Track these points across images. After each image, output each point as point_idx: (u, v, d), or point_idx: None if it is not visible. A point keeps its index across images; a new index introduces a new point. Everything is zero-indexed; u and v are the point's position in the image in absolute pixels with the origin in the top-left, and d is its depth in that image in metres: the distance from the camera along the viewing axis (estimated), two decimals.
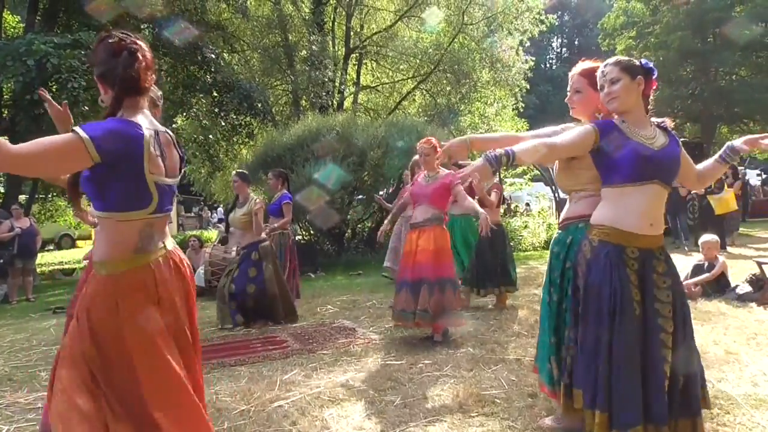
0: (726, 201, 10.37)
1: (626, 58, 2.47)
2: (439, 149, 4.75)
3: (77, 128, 1.81)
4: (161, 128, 2.08)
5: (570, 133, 2.47)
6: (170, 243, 2.12)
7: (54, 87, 10.53)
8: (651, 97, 2.50)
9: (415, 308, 4.50)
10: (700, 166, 2.62)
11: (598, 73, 2.45)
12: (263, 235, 5.95)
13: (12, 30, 14.97)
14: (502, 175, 16.35)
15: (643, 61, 2.46)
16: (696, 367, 2.36)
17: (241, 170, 6.32)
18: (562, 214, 2.76)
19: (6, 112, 12.62)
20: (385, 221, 5.49)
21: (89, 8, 11.11)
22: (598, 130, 2.38)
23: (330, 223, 10.86)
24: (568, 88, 2.72)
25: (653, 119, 2.50)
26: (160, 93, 3.08)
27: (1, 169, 1.71)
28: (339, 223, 11.56)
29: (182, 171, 2.19)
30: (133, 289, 1.95)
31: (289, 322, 5.81)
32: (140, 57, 2.01)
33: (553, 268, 2.69)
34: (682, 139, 2.54)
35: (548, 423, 2.85)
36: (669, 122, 2.52)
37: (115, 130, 1.87)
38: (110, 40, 1.99)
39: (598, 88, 2.46)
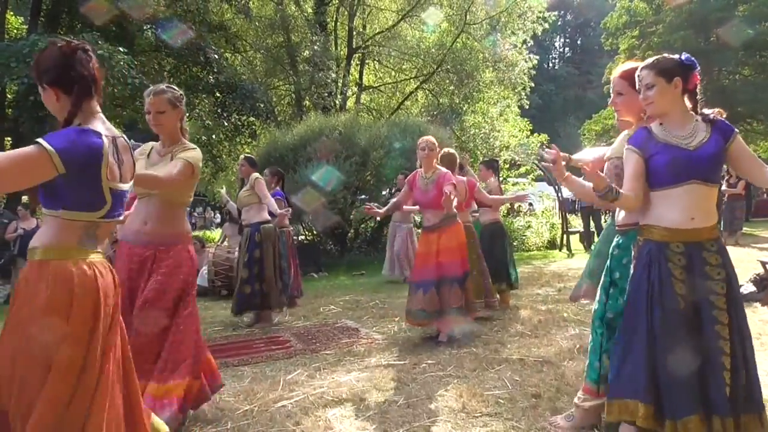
0: None
1: (663, 58, 2.42)
2: (437, 149, 4.81)
3: (41, 140, 1.79)
4: (117, 133, 2.08)
5: (627, 172, 2.46)
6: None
7: None
8: (698, 89, 2.44)
9: (441, 307, 4.54)
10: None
11: (636, 77, 2.44)
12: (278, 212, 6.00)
13: (15, 31, 15.03)
14: (505, 175, 16.32)
15: (684, 56, 2.41)
16: (753, 359, 2.34)
17: (249, 155, 6.35)
18: (621, 218, 2.73)
19: (10, 113, 12.67)
20: (383, 210, 5.44)
21: (90, 9, 11.13)
22: (637, 149, 2.41)
23: (328, 223, 10.89)
24: (611, 91, 2.73)
25: (703, 111, 2.44)
26: (180, 93, 3.10)
27: None
28: (342, 224, 11.57)
29: (133, 179, 2.20)
30: (62, 279, 1.89)
31: (277, 307, 5.92)
32: (93, 57, 2.02)
33: (614, 270, 2.68)
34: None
35: (560, 422, 2.84)
36: (718, 113, 2.45)
37: (79, 140, 1.86)
38: (60, 44, 1.98)
39: (636, 90, 2.45)
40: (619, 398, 2.35)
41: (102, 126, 2.00)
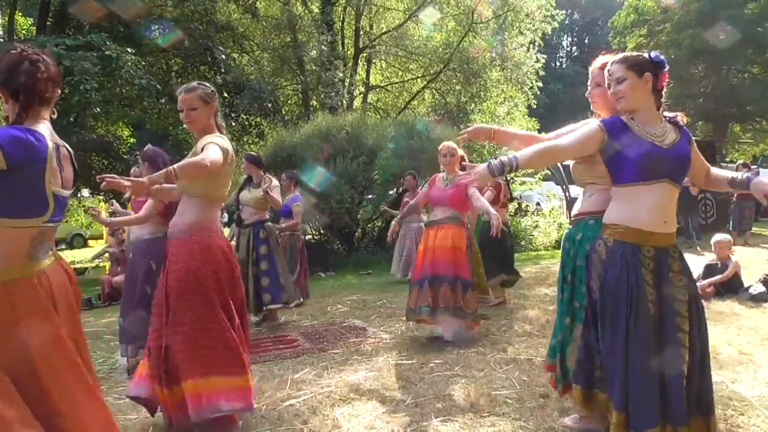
0: None
1: (633, 54, 2.42)
2: (459, 154, 4.84)
3: None
4: (61, 142, 2.13)
5: (575, 133, 2.45)
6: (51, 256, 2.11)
7: (66, 89, 10.61)
8: (664, 91, 2.45)
9: (433, 304, 4.52)
10: (716, 171, 2.57)
11: (605, 71, 2.42)
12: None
13: (24, 32, 15.12)
14: (512, 175, 16.28)
15: (653, 54, 2.40)
16: (709, 364, 2.36)
17: (250, 153, 6.35)
18: (574, 209, 2.76)
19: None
20: (394, 221, 5.48)
21: (93, 9, 11.20)
22: (605, 129, 2.36)
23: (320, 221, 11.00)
24: (589, 83, 2.70)
25: (666, 114, 2.46)
26: (212, 89, 3.10)
27: None
28: (349, 223, 11.58)
29: (75, 185, 2.23)
30: (28, 295, 1.94)
31: (290, 302, 5.88)
32: (42, 68, 2.06)
33: (564, 265, 2.68)
34: (694, 138, 2.48)
35: (567, 423, 2.84)
36: (682, 117, 2.48)
37: (21, 137, 1.91)
38: (12, 51, 2.04)
39: (606, 86, 2.42)
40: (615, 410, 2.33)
41: (46, 130, 2.04)
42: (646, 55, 2.40)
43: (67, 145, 2.18)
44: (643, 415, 2.16)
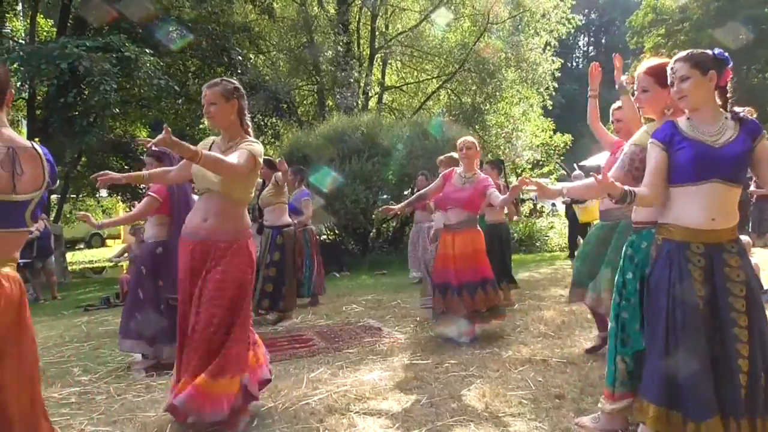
0: (591, 210, 10.47)
1: (699, 52, 2.37)
2: (476, 149, 4.78)
3: None
4: (25, 144, 2.11)
5: (648, 166, 2.41)
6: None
7: (86, 90, 10.77)
8: (729, 86, 2.40)
9: (469, 310, 4.56)
10: None
11: (668, 69, 2.38)
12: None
13: (45, 34, 15.33)
14: (527, 175, 16.21)
15: (717, 51, 2.36)
16: None
17: (267, 158, 6.39)
18: (636, 216, 2.70)
19: (39, 113, 12.93)
20: (401, 205, 5.45)
21: (117, 10, 11.33)
22: (662, 146, 2.36)
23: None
24: (635, 88, 2.68)
25: (734, 108, 2.40)
26: (235, 86, 3.09)
27: None
28: (364, 223, 11.60)
29: (45, 187, 2.17)
30: None
31: (287, 310, 5.95)
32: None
33: (626, 271, 2.64)
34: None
35: (585, 422, 2.83)
36: (749, 112, 2.43)
37: None
38: None
39: (669, 84, 2.39)
40: (639, 399, 2.36)
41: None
42: (710, 52, 2.36)
43: (36, 147, 2.15)
44: (701, 406, 2.16)
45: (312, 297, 6.81)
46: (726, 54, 2.36)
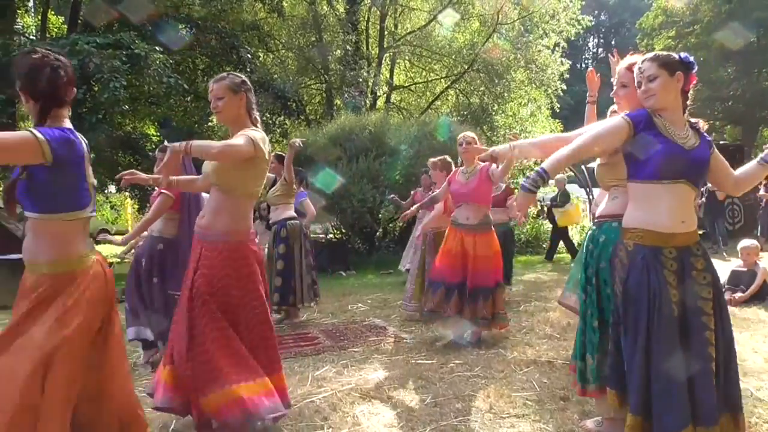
0: (570, 214, 10.49)
1: (665, 53, 2.40)
2: (478, 145, 4.74)
3: (33, 129, 2.03)
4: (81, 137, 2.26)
5: (599, 126, 2.42)
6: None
7: (96, 86, 10.82)
8: (690, 93, 2.43)
9: (473, 316, 4.49)
10: (740, 170, 2.53)
11: (635, 69, 2.39)
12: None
13: (56, 30, 15.42)
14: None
15: (683, 54, 2.38)
16: (735, 361, 2.33)
17: (279, 153, 6.38)
18: (598, 210, 2.74)
19: None
20: (413, 207, 5.45)
21: (125, 8, 11.37)
22: (632, 123, 2.33)
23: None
24: (614, 82, 2.68)
25: (689, 119, 2.43)
26: (242, 79, 3.05)
27: None
28: (370, 222, 11.61)
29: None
30: (83, 287, 2.13)
31: (303, 303, 5.91)
32: (62, 73, 2.17)
33: (587, 266, 2.67)
34: (722, 142, 2.46)
35: (589, 426, 2.83)
36: (702, 124, 2.46)
37: (64, 136, 2.09)
38: (34, 56, 2.14)
39: (636, 84, 2.40)
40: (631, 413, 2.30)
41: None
42: (676, 55, 2.38)
43: (85, 140, 2.30)
44: (673, 417, 2.14)
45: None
46: (692, 59, 2.38)
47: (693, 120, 2.45)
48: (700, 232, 2.42)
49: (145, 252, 4.43)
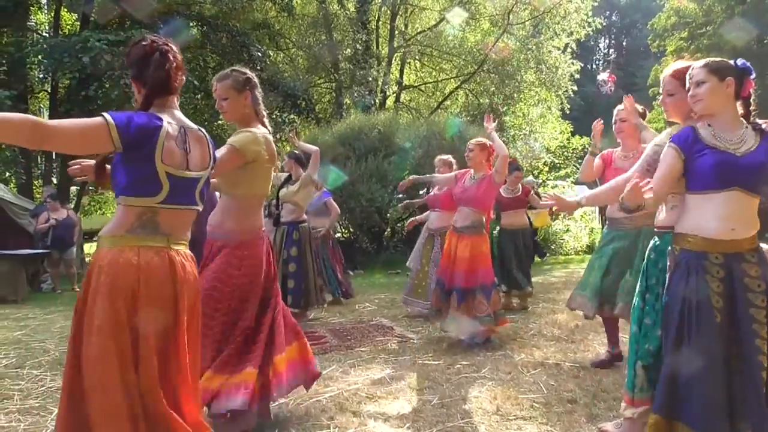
0: (544, 215, 10.45)
1: (718, 59, 2.37)
2: (489, 150, 4.71)
3: (105, 114, 1.92)
4: (192, 126, 2.18)
5: (660, 171, 2.40)
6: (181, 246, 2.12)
7: (107, 83, 10.88)
8: (752, 98, 2.39)
9: (459, 314, 4.50)
10: None
11: (687, 75, 2.38)
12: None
13: (69, 27, 15.52)
14: (544, 177, 16.11)
15: (740, 61, 2.35)
16: None
17: (296, 152, 6.37)
18: (658, 220, 2.67)
19: (61, 106, 13.10)
20: (419, 217, 5.47)
21: (136, 6, 11.41)
22: (679, 148, 2.33)
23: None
24: (661, 90, 2.65)
25: (757, 120, 2.38)
26: (246, 75, 3.01)
27: (35, 144, 1.80)
28: (379, 222, 11.60)
29: (210, 167, 2.24)
30: (114, 268, 1.95)
31: (315, 305, 5.90)
32: (171, 58, 2.11)
33: (650, 276, 2.62)
34: None
35: (609, 429, 2.80)
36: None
37: (136, 119, 1.97)
38: (143, 43, 2.10)
39: (686, 89, 2.38)
40: (654, 412, 2.30)
41: (168, 116, 2.09)
42: (732, 62, 2.35)
43: (203, 130, 2.24)
44: (713, 421, 2.11)
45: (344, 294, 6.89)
46: (748, 65, 2.34)
47: (761, 121, 2.38)
48: None
49: None
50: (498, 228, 6.51)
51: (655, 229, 2.68)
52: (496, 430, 2.92)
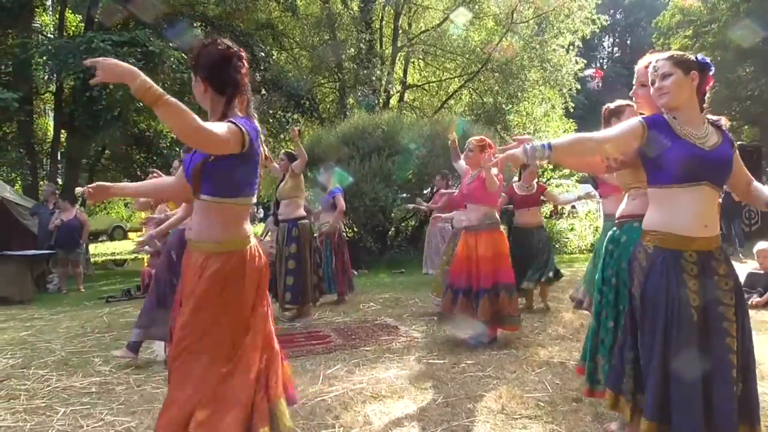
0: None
1: (680, 52, 2.38)
2: (490, 149, 4.69)
3: (234, 120, 2.08)
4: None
5: (614, 127, 2.40)
6: None
7: (111, 84, 10.88)
8: (707, 95, 2.39)
9: (486, 315, 4.46)
10: (758, 185, 2.45)
11: (650, 68, 2.36)
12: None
13: (73, 28, 15.56)
14: (548, 176, 16.08)
15: (699, 56, 2.35)
16: (754, 369, 2.29)
17: (290, 151, 6.41)
18: (618, 211, 2.71)
19: (66, 107, 13.15)
20: (433, 215, 5.44)
21: (140, 6, 11.44)
22: (645, 124, 2.29)
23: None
24: (634, 82, 2.64)
25: (709, 116, 2.39)
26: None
27: (189, 138, 1.94)
28: (383, 221, 11.60)
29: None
30: (240, 267, 2.17)
31: (306, 303, 5.94)
32: (245, 63, 2.25)
33: (606, 266, 2.63)
34: (739, 143, 2.41)
35: (612, 428, 2.80)
36: (725, 121, 2.41)
37: (253, 127, 2.17)
38: (219, 47, 2.20)
39: (650, 82, 2.36)
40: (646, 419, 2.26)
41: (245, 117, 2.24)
42: (692, 56, 2.35)
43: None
44: (688, 424, 2.10)
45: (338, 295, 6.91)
46: (708, 60, 2.34)
47: (714, 118, 2.39)
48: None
49: (175, 244, 4.43)
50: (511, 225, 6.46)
51: (616, 220, 2.70)
52: (502, 429, 2.92)
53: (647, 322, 2.27)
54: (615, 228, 2.70)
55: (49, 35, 14.87)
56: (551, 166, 16.77)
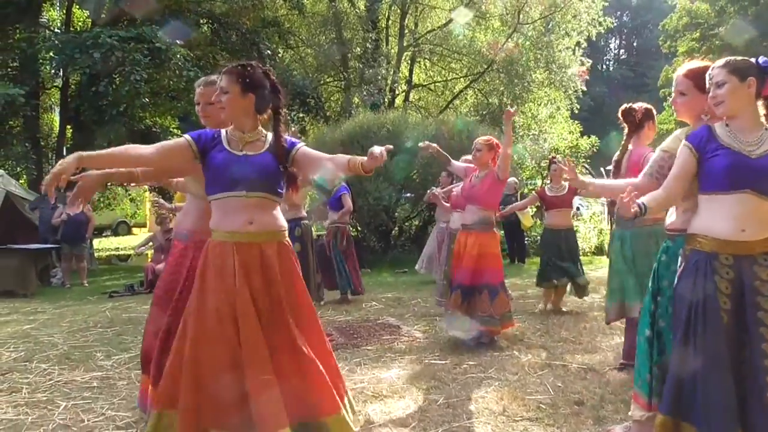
0: (529, 216, 10.41)
1: (739, 58, 2.33)
2: (498, 148, 4.66)
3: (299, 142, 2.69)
4: None
5: (674, 169, 2.38)
6: None
7: (117, 79, 10.93)
8: None
9: (467, 314, 4.46)
10: None
11: (707, 75, 2.33)
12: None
13: (80, 24, 15.60)
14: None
15: (762, 59, 2.30)
16: None
17: None
18: (670, 222, 2.63)
19: (72, 102, 13.18)
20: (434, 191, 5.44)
21: (146, 2, 11.46)
22: (693, 147, 2.30)
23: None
24: (672, 89, 2.62)
25: None
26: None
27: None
28: (386, 221, 11.60)
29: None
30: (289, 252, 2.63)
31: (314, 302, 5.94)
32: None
33: (661, 277, 2.58)
34: None
35: (617, 431, 2.79)
36: None
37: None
38: (264, 70, 2.59)
39: (706, 90, 2.34)
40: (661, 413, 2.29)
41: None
42: (753, 60, 2.30)
43: None
44: (718, 423, 2.09)
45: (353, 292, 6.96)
46: None
47: None
48: None
49: None
50: (543, 227, 6.43)
51: (667, 232, 2.65)
52: (503, 430, 2.91)
53: (675, 322, 2.29)
54: (669, 240, 2.63)
55: (56, 30, 14.92)
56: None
